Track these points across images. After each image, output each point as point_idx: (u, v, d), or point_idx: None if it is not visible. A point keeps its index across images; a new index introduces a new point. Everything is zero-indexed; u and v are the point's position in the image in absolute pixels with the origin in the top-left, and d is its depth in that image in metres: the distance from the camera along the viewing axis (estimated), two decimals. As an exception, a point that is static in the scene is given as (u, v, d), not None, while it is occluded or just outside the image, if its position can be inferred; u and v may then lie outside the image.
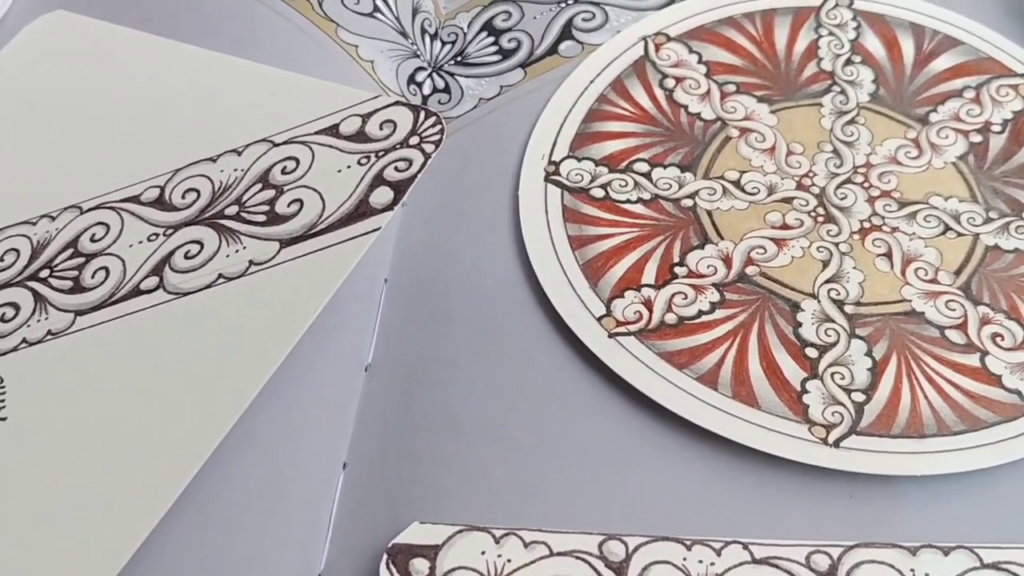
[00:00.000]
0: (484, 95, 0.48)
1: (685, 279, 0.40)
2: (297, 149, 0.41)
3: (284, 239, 0.39)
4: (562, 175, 0.44)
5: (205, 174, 0.42)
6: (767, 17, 0.48)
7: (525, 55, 0.48)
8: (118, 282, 0.39)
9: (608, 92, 0.46)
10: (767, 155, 0.44)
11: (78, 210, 0.42)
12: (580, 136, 0.45)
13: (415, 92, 0.47)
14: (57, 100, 0.46)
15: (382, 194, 0.39)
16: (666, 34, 0.48)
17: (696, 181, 0.43)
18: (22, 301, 0.40)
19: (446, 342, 0.40)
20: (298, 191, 0.40)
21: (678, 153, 0.44)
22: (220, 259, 0.39)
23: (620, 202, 0.43)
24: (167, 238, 0.40)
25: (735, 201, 0.42)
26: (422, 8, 0.50)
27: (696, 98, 0.46)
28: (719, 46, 0.48)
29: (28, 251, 0.41)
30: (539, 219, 0.42)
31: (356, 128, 0.41)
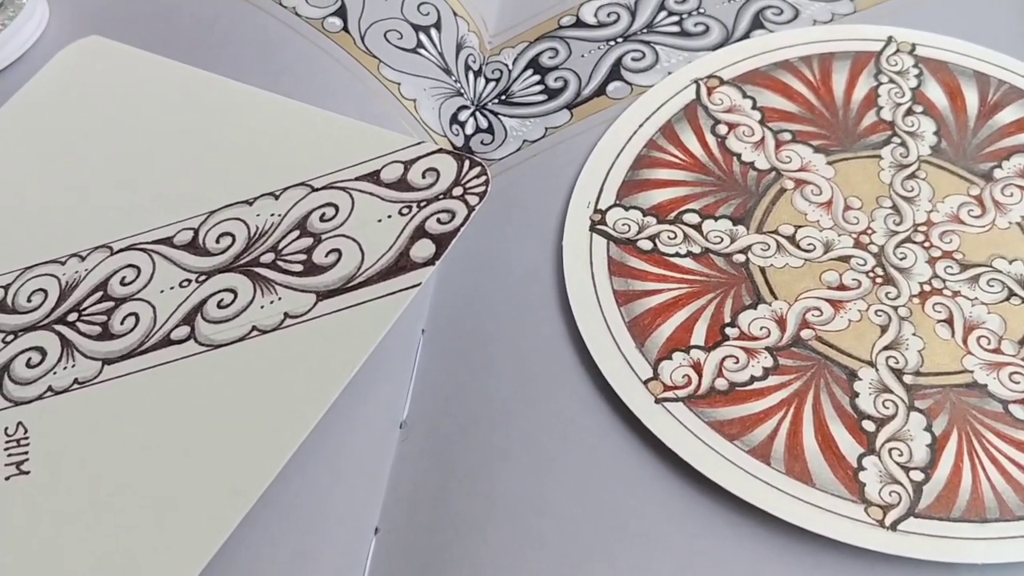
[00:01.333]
0: (528, 137, 0.46)
1: (737, 341, 0.38)
2: (336, 195, 0.40)
3: (321, 291, 0.37)
4: (608, 225, 0.42)
5: (241, 218, 0.40)
6: (825, 62, 0.46)
7: (572, 95, 0.47)
8: (148, 330, 0.38)
9: (657, 137, 0.45)
10: (824, 209, 0.42)
11: (108, 250, 0.41)
12: (628, 183, 0.43)
13: (457, 132, 0.46)
14: (89, 130, 0.45)
15: (423, 247, 0.37)
16: (719, 77, 0.46)
17: (749, 235, 0.41)
18: (49, 346, 0.39)
19: (484, 400, 0.38)
20: (336, 240, 0.39)
21: (730, 204, 0.42)
22: (254, 310, 0.37)
23: (669, 255, 0.41)
24: (200, 285, 0.39)
25: (790, 258, 0.41)
26: (466, 44, 0.48)
27: (750, 146, 0.44)
28: (774, 91, 0.46)
29: (56, 292, 0.40)
30: (583, 271, 0.41)
31: (398, 175, 0.40)
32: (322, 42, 0.47)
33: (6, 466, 0.36)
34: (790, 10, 0.48)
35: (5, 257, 0.42)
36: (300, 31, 0.47)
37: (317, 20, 0.47)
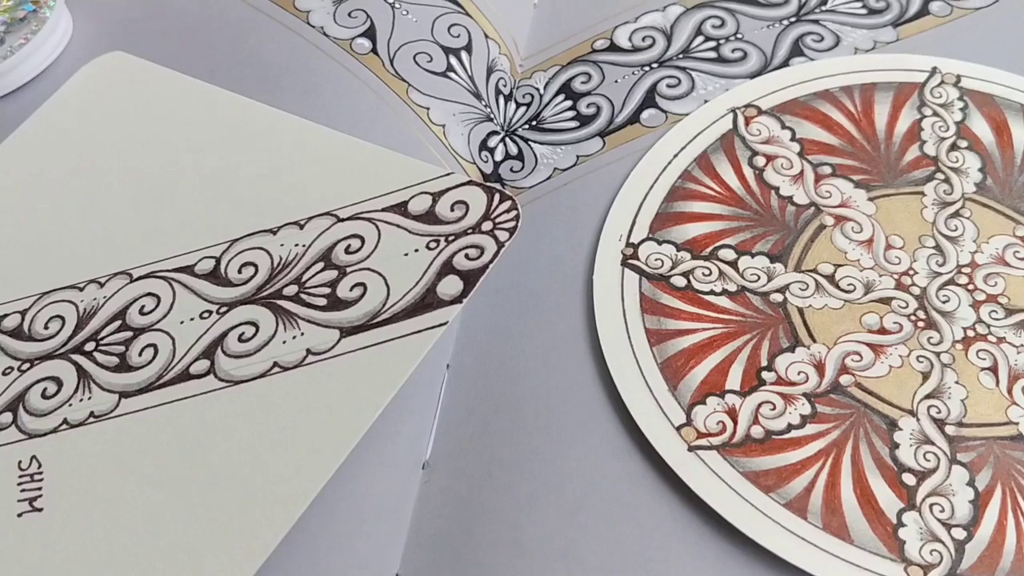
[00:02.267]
0: (559, 165, 0.45)
1: (773, 386, 0.37)
2: (363, 226, 0.39)
3: (345, 327, 0.36)
4: (641, 259, 0.41)
5: (264, 247, 0.39)
6: (867, 92, 0.45)
7: (604, 123, 0.45)
8: (167, 363, 0.37)
9: (692, 168, 0.43)
10: (864, 248, 0.41)
11: (128, 277, 0.40)
12: (661, 216, 0.42)
13: (487, 159, 0.45)
14: (110, 150, 0.44)
15: (451, 284, 0.36)
16: (757, 106, 0.45)
17: (787, 274, 0.40)
18: (65, 376, 0.38)
19: (510, 442, 0.37)
20: (362, 274, 0.38)
21: (767, 240, 0.41)
22: (276, 345, 0.36)
23: (703, 293, 0.40)
24: (220, 317, 0.38)
25: (829, 299, 0.39)
26: (497, 67, 0.47)
27: (788, 179, 0.43)
28: (814, 122, 0.44)
29: (74, 320, 0.39)
30: (615, 308, 0.39)
31: (426, 207, 0.38)
32: (350, 64, 0.45)
33: (19, 502, 0.35)
34: (831, 37, 0.47)
35: (23, 280, 0.41)
36: (328, 52, 0.46)
37: (345, 41, 0.46)
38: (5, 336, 0.39)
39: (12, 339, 0.39)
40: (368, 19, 0.47)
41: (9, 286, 0.41)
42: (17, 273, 0.41)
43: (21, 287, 0.41)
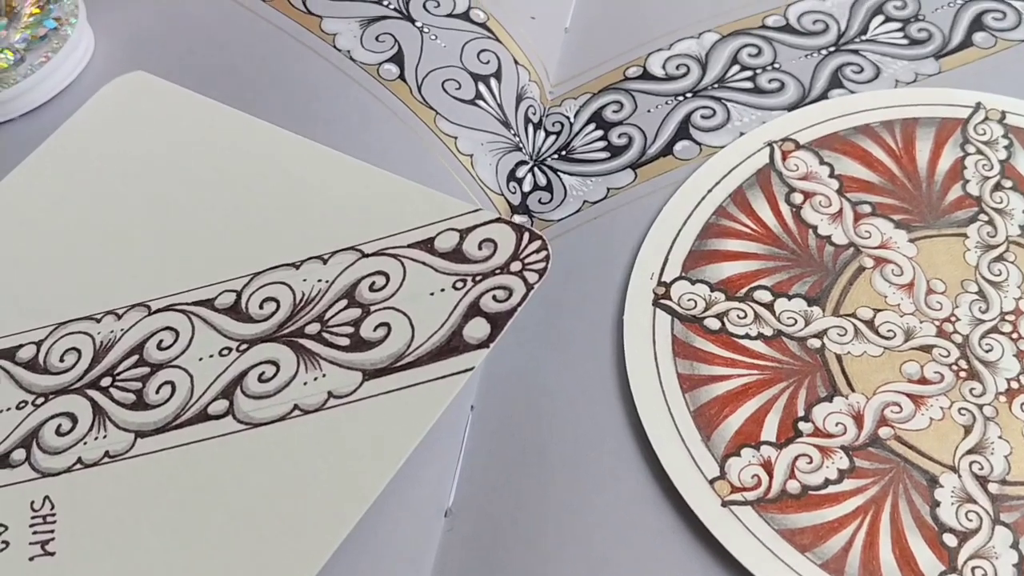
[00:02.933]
0: (589, 197, 0.43)
1: (810, 438, 0.36)
2: (388, 263, 0.38)
3: (368, 370, 0.35)
4: (673, 299, 0.39)
5: (286, 282, 0.38)
6: (908, 128, 0.43)
7: (636, 154, 0.44)
8: (184, 402, 0.36)
9: (727, 204, 0.42)
10: (905, 292, 0.39)
11: (146, 309, 0.39)
12: (694, 254, 0.41)
13: (515, 190, 0.43)
14: (130, 174, 0.43)
15: (477, 327, 0.35)
16: (795, 140, 0.44)
17: (825, 318, 0.39)
18: (80, 412, 0.37)
19: (536, 489, 0.36)
20: (386, 313, 0.36)
21: (805, 282, 0.40)
22: (297, 386, 0.35)
23: (738, 337, 0.38)
24: (240, 354, 0.37)
25: (868, 345, 0.38)
26: (527, 95, 0.46)
27: (827, 218, 0.41)
28: (854, 158, 0.43)
29: (90, 353, 0.38)
30: (646, 351, 0.38)
31: (453, 245, 0.37)
32: (377, 90, 0.44)
33: (30, 544, 0.34)
34: (871, 68, 0.46)
35: (39, 309, 0.40)
36: (354, 77, 0.45)
37: (372, 66, 0.45)
38: (20, 368, 0.38)
39: (27, 371, 0.38)
40: (396, 44, 0.46)
41: (25, 315, 0.40)
42: (33, 301, 0.40)
43: (37, 316, 0.40)
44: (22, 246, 0.42)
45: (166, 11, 0.50)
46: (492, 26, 0.47)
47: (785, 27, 0.48)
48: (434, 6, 0.47)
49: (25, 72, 0.47)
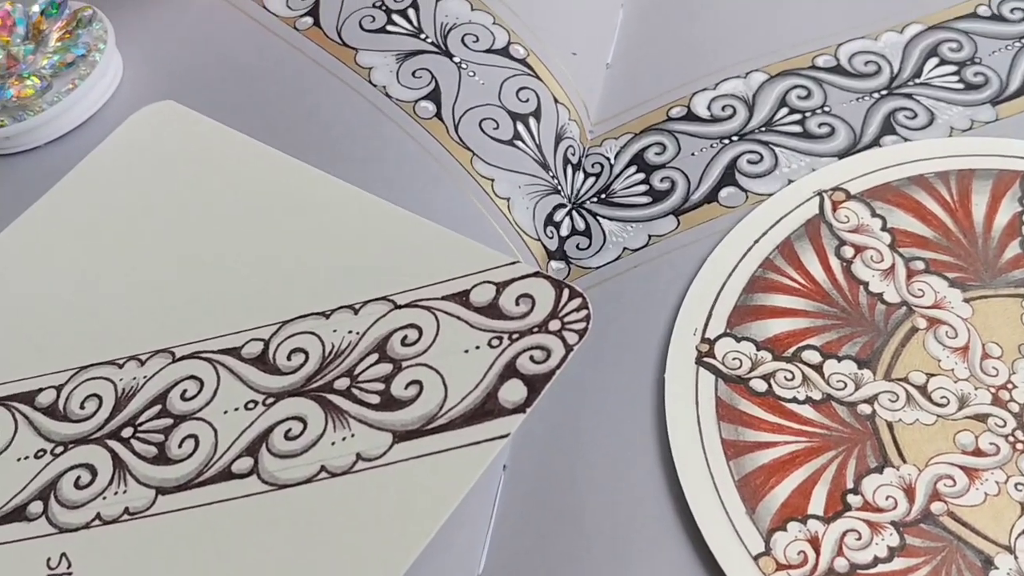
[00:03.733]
0: (629, 244, 0.42)
1: (860, 512, 0.34)
2: (421, 316, 0.36)
3: (398, 431, 0.34)
4: (717, 358, 0.38)
5: (316, 332, 0.37)
6: (964, 179, 0.42)
7: (679, 200, 0.42)
8: (208, 457, 0.34)
9: (775, 256, 0.40)
10: (959, 356, 0.37)
11: (170, 356, 0.37)
12: (740, 309, 0.39)
13: (552, 234, 0.42)
14: (155, 211, 0.42)
15: (514, 390, 0.33)
16: (845, 190, 0.42)
17: (876, 382, 0.37)
18: (100, 464, 0.36)
19: (571, 558, 0.35)
20: (418, 370, 0.35)
21: (855, 343, 0.38)
22: (324, 446, 0.34)
23: (786, 400, 0.37)
24: (267, 408, 0.35)
25: (921, 413, 0.36)
26: (566, 134, 0.44)
27: (878, 274, 0.40)
28: (907, 211, 0.41)
29: (112, 400, 0.37)
30: (688, 413, 0.37)
31: (489, 299, 0.36)
32: (412, 129, 0.43)
33: (46, 606, 0.33)
34: (925, 114, 0.44)
35: (60, 351, 0.39)
36: (390, 115, 0.43)
37: (409, 103, 0.43)
38: (39, 414, 0.37)
39: (46, 417, 0.37)
40: (433, 80, 0.44)
41: (45, 356, 0.39)
42: (55, 341, 0.39)
43: (58, 358, 0.39)
44: (44, 281, 0.41)
45: (198, 37, 0.48)
46: (532, 62, 0.45)
47: (836, 68, 0.46)
48: (472, 40, 0.46)
49: (52, 100, 0.46)
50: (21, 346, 0.39)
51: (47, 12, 0.48)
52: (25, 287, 0.41)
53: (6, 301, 0.40)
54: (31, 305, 0.40)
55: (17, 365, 0.39)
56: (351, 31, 0.46)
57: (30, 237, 0.42)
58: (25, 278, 0.41)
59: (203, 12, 0.50)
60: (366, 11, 0.47)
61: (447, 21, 0.46)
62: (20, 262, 0.42)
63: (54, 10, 0.48)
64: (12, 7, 0.48)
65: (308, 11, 0.48)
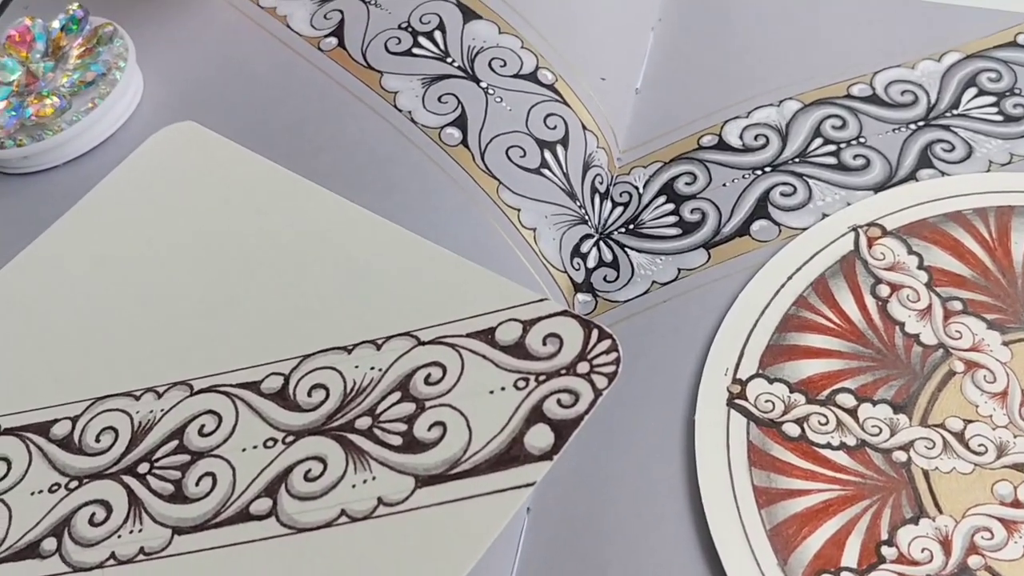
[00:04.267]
0: (658, 278, 0.41)
1: (894, 565, 0.33)
2: (445, 353, 0.35)
3: (421, 475, 0.33)
4: (749, 400, 0.37)
5: (337, 368, 0.36)
6: (1003, 217, 0.41)
7: (710, 232, 0.41)
8: (225, 497, 0.34)
9: (808, 294, 0.39)
10: (998, 401, 0.36)
11: (188, 389, 0.36)
12: (772, 349, 0.38)
13: (579, 266, 0.41)
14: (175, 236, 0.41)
15: (540, 435, 0.32)
16: (881, 226, 0.41)
17: (912, 428, 0.36)
18: (115, 501, 0.35)
19: (597, 606, 0.33)
20: (442, 411, 0.34)
21: (891, 386, 0.37)
22: (345, 489, 0.33)
23: (819, 446, 0.36)
24: (286, 447, 0.34)
25: (958, 461, 0.35)
26: (594, 162, 0.43)
27: (915, 314, 0.38)
28: (944, 248, 0.40)
29: (128, 434, 0.36)
30: (719, 457, 0.36)
31: (515, 338, 0.35)
32: (438, 156, 0.42)
33: (58, 649, 0.32)
34: (963, 147, 0.43)
35: (76, 381, 0.38)
36: (415, 141, 0.42)
37: (434, 130, 0.43)
38: (54, 446, 0.36)
39: (61, 450, 0.36)
40: (459, 105, 0.43)
41: (61, 385, 0.38)
42: (70, 370, 0.38)
43: (73, 388, 0.38)
44: (59, 307, 0.40)
45: (220, 55, 0.47)
46: (560, 88, 0.44)
47: (871, 97, 0.45)
48: (500, 65, 0.45)
49: (71, 119, 0.45)
50: (36, 374, 0.38)
51: (67, 28, 0.47)
52: (40, 312, 0.40)
53: (21, 326, 0.40)
54: (46, 331, 0.39)
55: (32, 393, 0.38)
56: (376, 53, 0.45)
57: (46, 261, 0.42)
58: (40, 303, 0.40)
59: (226, 29, 0.49)
60: (392, 33, 0.46)
61: (474, 45, 0.45)
62: (36, 286, 0.41)
63: (74, 26, 0.47)
64: (32, 23, 0.47)
65: (333, 31, 0.47)
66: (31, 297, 0.41)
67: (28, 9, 0.51)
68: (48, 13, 0.47)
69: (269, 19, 0.48)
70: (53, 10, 0.47)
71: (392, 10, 0.47)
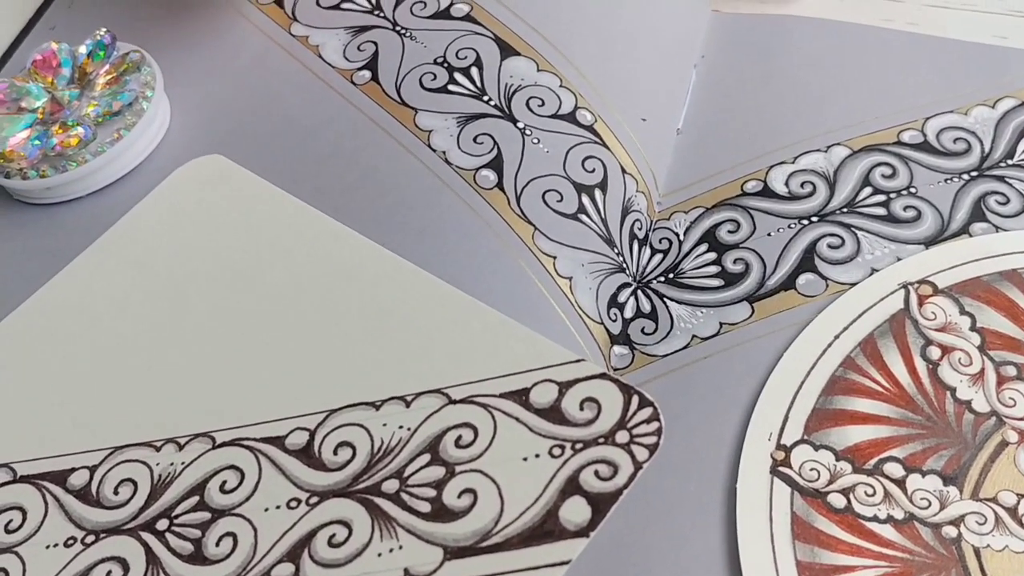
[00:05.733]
0: (699, 332, 0.39)
1: (944, 653, 0.31)
2: (477, 413, 0.34)
3: (450, 547, 0.31)
4: (794, 467, 0.35)
5: (364, 425, 0.34)
6: (1061, 276, 0.39)
7: (754, 285, 0.40)
8: (247, 559, 0.32)
9: (856, 355, 0.38)
10: (1054, 475, 0.34)
11: (210, 441, 0.35)
12: (818, 413, 0.36)
13: (615, 316, 0.39)
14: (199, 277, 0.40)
15: (576, 509, 0.31)
16: (933, 283, 0.39)
17: (962, 501, 0.34)
18: (133, 558, 0.34)
19: None
20: (473, 477, 0.33)
21: (941, 456, 0.35)
22: (370, 557, 0.32)
23: (866, 519, 0.34)
24: (311, 508, 0.33)
25: (1010, 538, 0.33)
26: (633, 207, 0.42)
27: (967, 379, 0.37)
28: (998, 309, 0.38)
29: (147, 487, 0.35)
30: (761, 529, 0.34)
31: (551, 400, 0.33)
32: (472, 199, 0.40)
33: None
34: (1018, 199, 0.41)
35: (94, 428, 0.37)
36: (449, 183, 0.41)
37: (469, 172, 0.41)
38: (71, 497, 0.35)
39: (79, 501, 0.35)
40: (495, 146, 0.42)
41: (79, 433, 0.37)
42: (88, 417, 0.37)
43: (92, 436, 0.37)
44: (80, 347, 0.39)
45: (250, 88, 0.46)
46: (599, 128, 0.43)
47: (923, 144, 0.43)
48: (538, 105, 0.43)
49: (96, 150, 0.44)
50: (54, 418, 0.37)
51: (94, 54, 0.46)
52: (59, 352, 0.39)
53: (40, 366, 0.39)
54: (65, 372, 0.38)
55: (49, 440, 0.37)
56: (411, 89, 0.44)
57: (66, 298, 0.40)
58: (60, 342, 0.39)
59: (255, 57, 0.48)
60: (427, 68, 0.44)
61: (511, 83, 0.44)
62: (55, 324, 0.40)
63: (101, 52, 0.46)
64: (58, 47, 0.46)
65: (366, 64, 0.45)
66: (51, 335, 0.40)
67: (54, 31, 0.50)
68: (74, 36, 0.46)
69: (300, 48, 0.47)
70: (79, 32, 0.46)
71: (428, 44, 0.45)
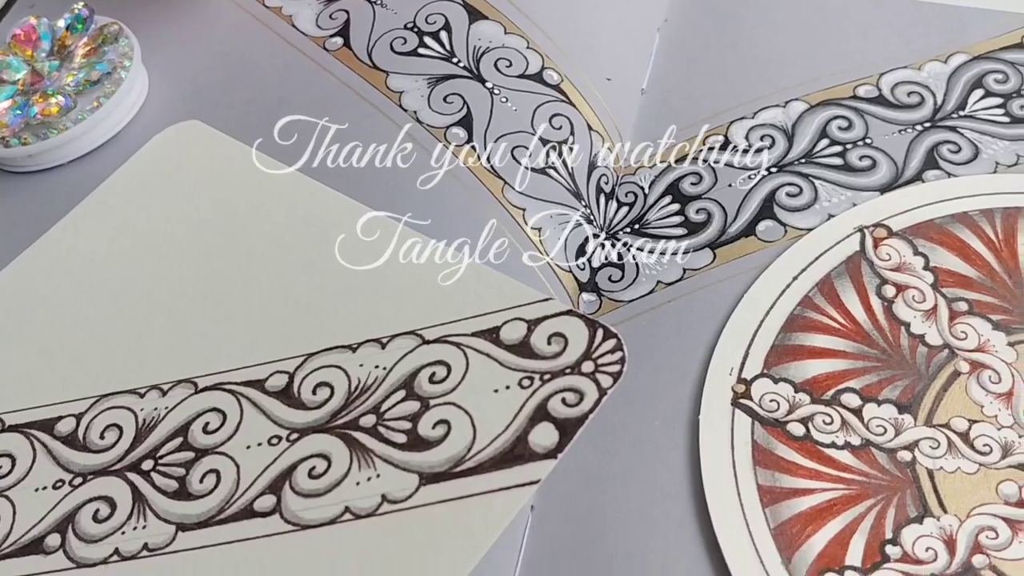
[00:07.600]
0: (663, 278, 0.41)
1: (898, 564, 0.33)
2: (449, 352, 0.35)
3: (425, 473, 0.33)
4: (754, 399, 0.37)
5: (342, 366, 0.36)
6: (1009, 218, 0.40)
7: (715, 232, 0.41)
8: (229, 494, 0.34)
9: (814, 294, 0.39)
10: (1003, 402, 0.36)
11: (192, 387, 0.36)
12: (777, 349, 0.38)
13: (583, 266, 0.41)
14: (179, 235, 0.41)
15: (545, 433, 0.32)
16: (887, 227, 0.41)
17: (917, 427, 0.36)
18: (119, 497, 0.35)
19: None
20: (446, 409, 0.34)
21: (896, 386, 0.37)
22: (348, 486, 0.33)
23: (824, 446, 0.36)
24: (291, 445, 0.34)
25: (962, 461, 0.35)
26: (599, 162, 0.43)
27: (920, 315, 0.38)
28: (950, 249, 0.40)
29: (132, 431, 0.36)
30: (723, 457, 0.36)
31: (520, 337, 0.35)
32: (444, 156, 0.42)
33: (61, 645, 0.32)
34: (969, 148, 0.43)
35: (80, 379, 0.38)
36: (421, 141, 0.42)
37: (440, 130, 0.43)
38: (58, 443, 0.36)
39: (66, 447, 0.36)
40: (464, 105, 0.43)
41: (65, 384, 0.38)
42: (74, 368, 0.38)
43: (77, 386, 0.38)
44: (63, 306, 0.40)
45: (226, 56, 0.47)
46: (566, 88, 0.44)
47: (878, 98, 0.45)
48: (506, 65, 0.45)
49: (76, 118, 0.45)
50: (40, 371, 0.38)
51: (72, 27, 0.47)
52: (44, 310, 0.40)
53: (25, 324, 0.40)
54: (50, 329, 0.39)
55: (36, 391, 0.38)
56: (382, 53, 0.45)
57: (50, 259, 0.42)
58: (45, 301, 0.40)
59: (231, 28, 0.49)
60: (398, 33, 0.46)
61: (480, 45, 0.45)
62: (40, 284, 0.41)
63: (80, 26, 0.47)
64: (37, 22, 0.47)
65: (338, 31, 0.47)
66: (35, 295, 0.41)
67: (33, 8, 0.51)
68: (53, 12, 0.47)
69: (274, 19, 0.48)
70: (58, 9, 0.47)
71: (398, 10, 0.47)
